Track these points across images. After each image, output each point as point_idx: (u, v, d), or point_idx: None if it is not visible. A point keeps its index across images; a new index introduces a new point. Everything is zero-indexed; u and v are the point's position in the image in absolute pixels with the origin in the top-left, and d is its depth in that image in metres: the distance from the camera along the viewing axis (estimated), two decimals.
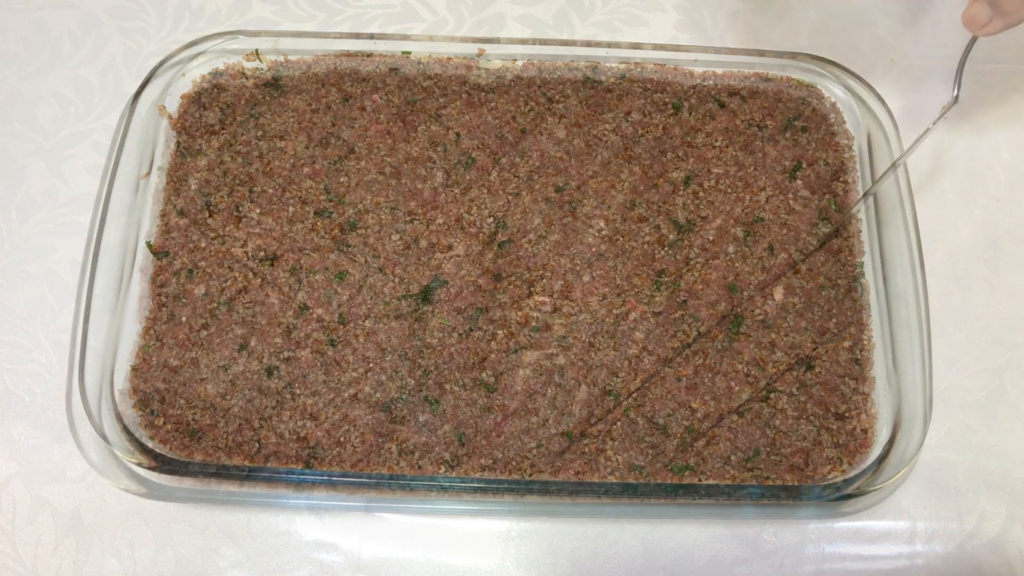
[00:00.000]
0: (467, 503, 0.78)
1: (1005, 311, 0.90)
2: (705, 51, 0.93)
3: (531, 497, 0.78)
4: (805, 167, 0.90)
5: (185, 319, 0.83)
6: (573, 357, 0.82)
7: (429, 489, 0.77)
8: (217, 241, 0.86)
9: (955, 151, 0.97)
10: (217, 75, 0.93)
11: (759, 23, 1.04)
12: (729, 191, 0.89)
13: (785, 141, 0.91)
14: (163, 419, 0.80)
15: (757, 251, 0.86)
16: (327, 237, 0.86)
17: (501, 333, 0.83)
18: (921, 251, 0.82)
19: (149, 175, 0.89)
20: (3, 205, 0.93)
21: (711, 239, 0.87)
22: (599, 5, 1.04)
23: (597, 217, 0.87)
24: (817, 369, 0.82)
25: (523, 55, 0.93)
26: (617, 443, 0.79)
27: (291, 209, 0.87)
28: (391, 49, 0.94)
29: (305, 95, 0.92)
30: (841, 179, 0.90)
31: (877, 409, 0.81)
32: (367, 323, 0.83)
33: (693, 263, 0.86)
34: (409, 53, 0.93)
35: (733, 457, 0.79)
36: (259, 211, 0.87)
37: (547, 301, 0.84)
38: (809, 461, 0.79)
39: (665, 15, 1.04)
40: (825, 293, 0.85)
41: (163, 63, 0.90)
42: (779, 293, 0.85)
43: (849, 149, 0.91)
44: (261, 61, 0.93)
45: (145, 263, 0.86)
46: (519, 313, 0.84)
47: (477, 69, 0.94)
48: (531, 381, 0.81)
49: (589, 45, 0.92)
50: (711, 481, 0.78)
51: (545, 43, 0.92)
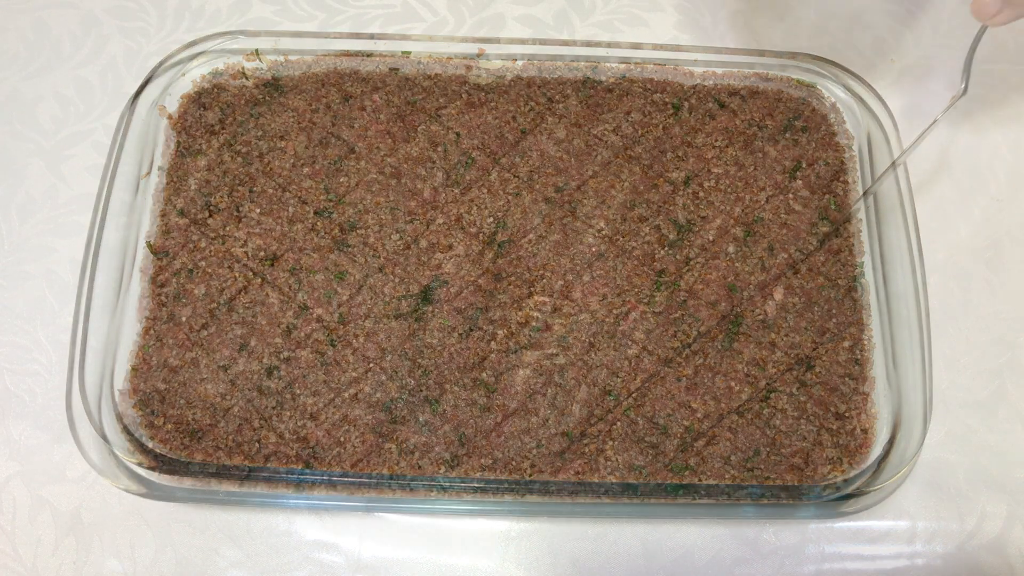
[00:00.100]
0: (467, 503, 0.78)
1: (1005, 311, 0.90)
2: (705, 51, 0.93)
3: (531, 497, 0.78)
4: (805, 167, 0.90)
5: (185, 319, 0.83)
6: (573, 357, 0.82)
7: (429, 489, 0.78)
8: (217, 241, 0.86)
9: (955, 151, 0.97)
10: (217, 75, 0.93)
11: (759, 23, 1.04)
12: (729, 191, 0.89)
13: (785, 141, 0.91)
14: (163, 419, 0.80)
15: (757, 251, 0.86)
16: (327, 237, 0.86)
17: (501, 333, 0.83)
18: (921, 251, 0.82)
19: (149, 175, 0.89)
20: (3, 205, 0.93)
21: (711, 239, 0.87)
22: (599, 5, 1.04)
23: (597, 217, 0.87)
24: (817, 369, 0.82)
25: (523, 55, 0.93)
26: (617, 443, 0.79)
27: (291, 209, 0.87)
28: (391, 49, 0.94)
29: (305, 95, 0.92)
30: (841, 179, 0.90)
31: (877, 409, 0.81)
32: (367, 323, 0.83)
33: (693, 263, 0.86)
34: (409, 53, 0.93)
35: (733, 457, 0.79)
36: (259, 211, 0.87)
37: (547, 301, 0.84)
38: (809, 461, 0.79)
39: (665, 15, 1.04)
40: (825, 293, 0.85)
41: (163, 63, 0.90)
42: (779, 293, 0.85)
43: (849, 149, 0.91)
44: (261, 61, 0.93)
45: (145, 263, 0.86)
46: (519, 313, 0.84)
47: (477, 69, 0.94)
48: (531, 381, 0.81)
49: (589, 45, 0.92)
50: (711, 481, 0.79)
51: (545, 43, 0.92)
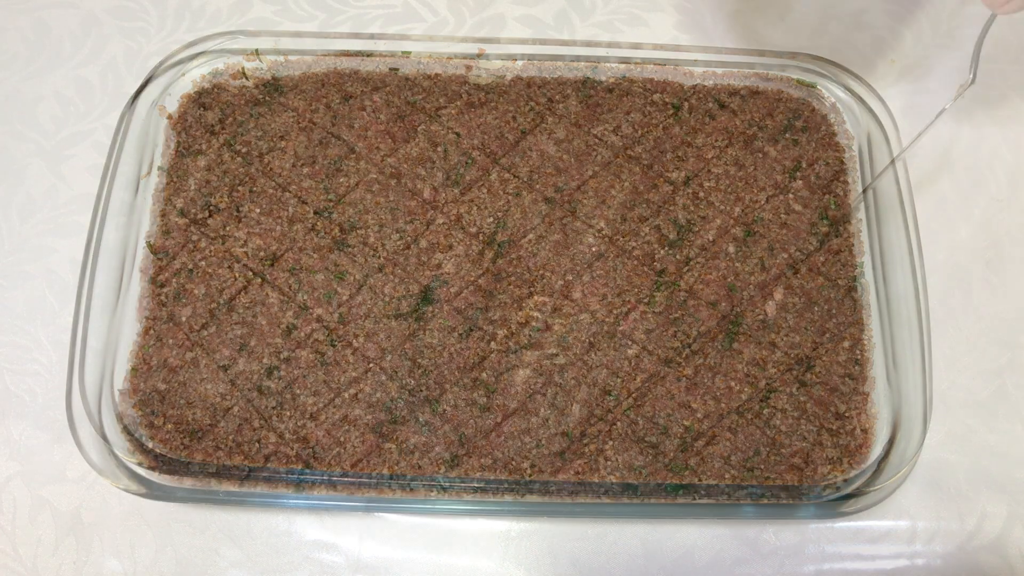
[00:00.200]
0: (467, 503, 0.78)
1: (1005, 311, 0.90)
2: (705, 51, 0.93)
3: (531, 497, 0.78)
4: (805, 167, 0.90)
5: (185, 319, 0.83)
6: (573, 357, 0.82)
7: (429, 489, 0.78)
8: (217, 241, 0.86)
9: (955, 151, 0.97)
10: (217, 75, 0.93)
11: (759, 23, 1.04)
12: (729, 191, 0.89)
13: (785, 141, 0.91)
14: (163, 419, 0.80)
15: (757, 251, 0.86)
16: (327, 237, 0.86)
17: (501, 333, 0.83)
18: (921, 251, 0.82)
19: (149, 175, 0.89)
20: (3, 205, 0.93)
21: (711, 239, 0.87)
22: (599, 5, 1.04)
23: (597, 217, 0.87)
24: (817, 369, 0.82)
25: (523, 55, 0.93)
26: (617, 443, 0.79)
27: (291, 209, 0.87)
28: (391, 49, 0.94)
29: (305, 95, 0.92)
30: (841, 179, 0.90)
31: (877, 409, 0.81)
32: (367, 323, 0.83)
33: (693, 263, 0.86)
34: (409, 53, 0.93)
35: (733, 457, 0.79)
36: (259, 211, 0.87)
37: (547, 301, 0.84)
38: (809, 461, 0.79)
39: (665, 15, 1.04)
40: (825, 293, 0.85)
41: (163, 63, 0.90)
42: (779, 293, 0.85)
43: (849, 149, 0.91)
44: (261, 61, 0.93)
45: (145, 263, 0.86)
46: (519, 313, 0.84)
47: (477, 69, 0.94)
48: (531, 381, 0.81)
49: (589, 45, 0.92)
50: (711, 481, 0.78)
51: (545, 43, 0.92)
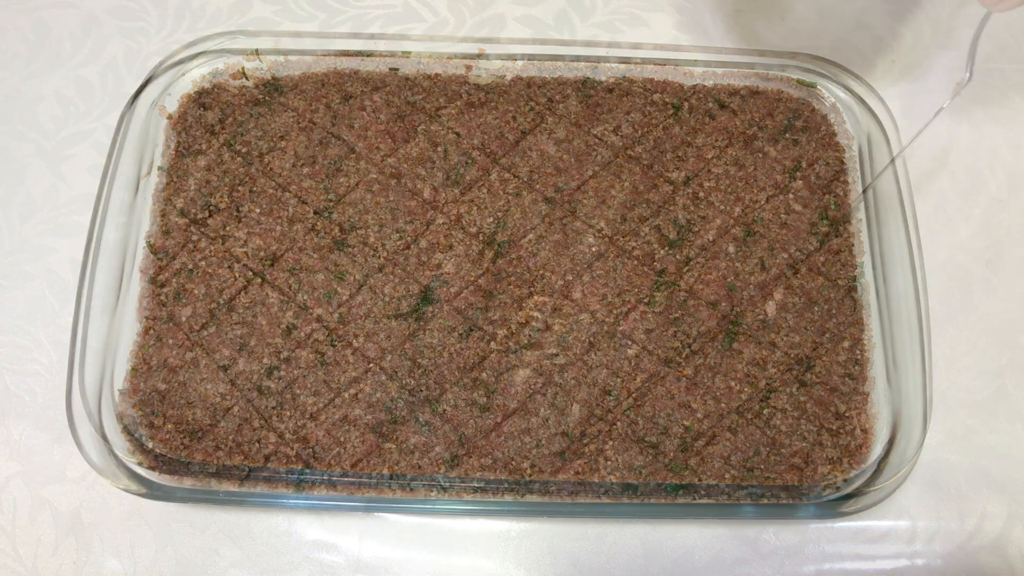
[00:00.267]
0: (467, 503, 0.78)
1: (1006, 311, 0.90)
2: (705, 51, 0.93)
3: (531, 497, 0.78)
4: (805, 167, 0.90)
5: (185, 319, 0.83)
6: (573, 357, 0.82)
7: (429, 489, 0.78)
8: (217, 241, 0.86)
9: (955, 151, 0.97)
10: (217, 75, 0.93)
11: (759, 23, 1.03)
12: (729, 191, 0.89)
13: (785, 141, 0.91)
14: (163, 419, 0.80)
15: (757, 251, 0.86)
16: (327, 237, 0.86)
17: (501, 333, 0.83)
18: (921, 251, 0.82)
19: (149, 175, 0.89)
20: (3, 205, 0.93)
21: (711, 239, 0.87)
22: (599, 5, 1.04)
23: (597, 217, 0.87)
24: (817, 369, 0.82)
25: (523, 55, 0.93)
26: (617, 443, 0.79)
27: (291, 209, 0.87)
28: (391, 49, 0.94)
29: (305, 95, 0.92)
30: (841, 179, 0.90)
31: (877, 409, 0.81)
32: (367, 323, 0.83)
33: (693, 263, 0.86)
34: (409, 53, 0.93)
35: (733, 457, 0.79)
36: (259, 211, 0.87)
37: (547, 301, 0.84)
38: (809, 461, 0.79)
39: (665, 15, 1.04)
40: (825, 293, 0.85)
41: (163, 63, 0.90)
42: (779, 293, 0.85)
43: (849, 149, 0.91)
44: (261, 61, 0.93)
45: (145, 263, 0.86)
46: (519, 313, 0.84)
47: (477, 69, 0.94)
48: (531, 381, 0.81)
49: (589, 45, 0.92)
50: (711, 481, 0.78)
51: (545, 43, 0.92)
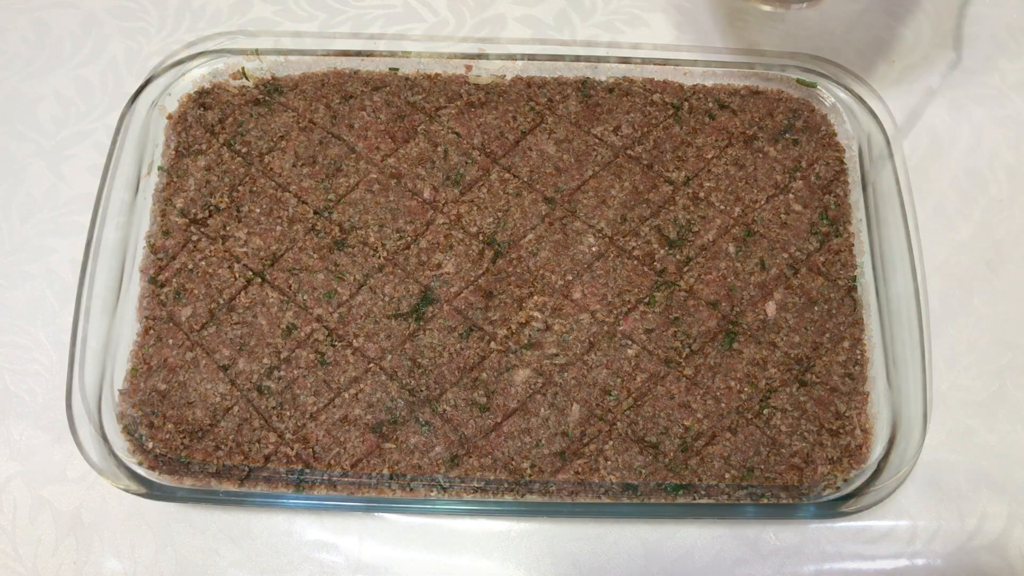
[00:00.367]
0: (467, 503, 0.78)
1: (1006, 311, 0.90)
2: (705, 51, 0.93)
3: (531, 497, 0.78)
4: (805, 167, 0.90)
5: (185, 319, 0.83)
6: (573, 357, 0.82)
7: (429, 489, 0.78)
8: (217, 241, 0.86)
9: (955, 151, 0.97)
10: (217, 75, 0.93)
11: (759, 23, 1.03)
12: (729, 191, 0.89)
13: (785, 141, 0.91)
14: (163, 419, 0.80)
15: (757, 251, 0.86)
16: (327, 237, 0.86)
17: (501, 333, 0.83)
18: (921, 251, 0.82)
19: (149, 175, 0.89)
20: (4, 205, 0.93)
21: (711, 239, 0.87)
22: (600, 6, 1.04)
23: (597, 217, 0.87)
24: (817, 369, 0.82)
25: (522, 56, 0.93)
26: (617, 443, 0.79)
27: (291, 209, 0.87)
28: (391, 49, 0.93)
29: (305, 95, 0.92)
30: (841, 179, 0.90)
31: (877, 409, 0.81)
32: (367, 323, 0.83)
33: (693, 263, 0.86)
34: (409, 53, 0.93)
35: (733, 457, 0.79)
36: (259, 211, 0.87)
37: (547, 301, 0.84)
38: (809, 461, 0.79)
39: (666, 15, 1.04)
40: (824, 294, 0.85)
41: (163, 63, 0.90)
42: (779, 293, 0.85)
43: (849, 149, 0.91)
44: (261, 61, 0.93)
45: (145, 263, 0.86)
46: (519, 313, 0.83)
47: (477, 69, 0.94)
48: (531, 381, 0.81)
49: (589, 45, 0.92)
50: (711, 481, 0.78)
51: (545, 43, 0.92)
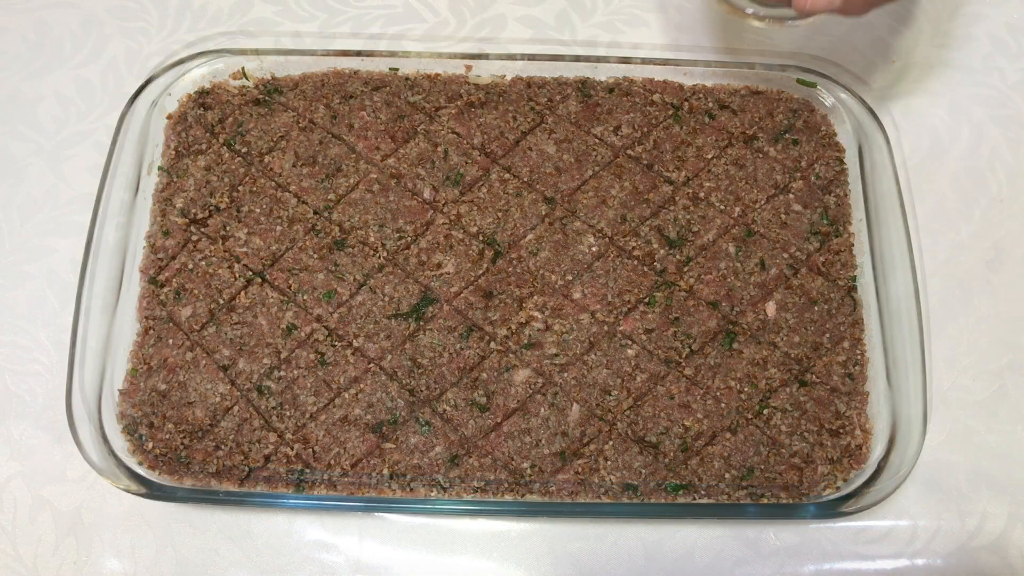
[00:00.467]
0: (467, 503, 0.78)
1: (1006, 311, 0.90)
2: (705, 51, 0.93)
3: (531, 497, 0.78)
4: (805, 168, 0.90)
5: (185, 319, 0.83)
6: (572, 357, 0.82)
7: (429, 489, 0.78)
8: (217, 241, 0.86)
9: (955, 151, 0.97)
10: (217, 75, 0.93)
11: (755, 33, 1.03)
12: (729, 192, 0.89)
13: (785, 142, 0.91)
14: (163, 419, 0.80)
15: (757, 252, 0.86)
16: (327, 237, 0.86)
17: (501, 333, 0.83)
18: (920, 252, 0.81)
19: (149, 175, 0.89)
20: (4, 205, 0.93)
21: (711, 240, 0.87)
22: (600, 6, 1.04)
23: (597, 218, 0.87)
24: (817, 369, 0.82)
25: (522, 56, 0.93)
26: (617, 443, 0.79)
27: (291, 209, 0.87)
28: (391, 49, 0.94)
29: (305, 95, 0.92)
30: (841, 179, 0.90)
31: (877, 409, 0.81)
32: (367, 323, 0.83)
33: (693, 264, 0.86)
34: (409, 54, 0.93)
35: (733, 457, 0.79)
36: (259, 211, 0.87)
37: (547, 302, 0.84)
38: (809, 461, 0.79)
39: (666, 15, 1.04)
40: (824, 294, 0.85)
41: (163, 63, 0.90)
42: (779, 294, 0.85)
43: (849, 149, 0.91)
44: (261, 61, 0.93)
45: (145, 263, 0.86)
46: (519, 313, 0.84)
47: (477, 70, 0.94)
48: (531, 381, 0.81)
49: (589, 45, 0.92)
50: (711, 481, 0.78)
51: (545, 43, 0.92)
